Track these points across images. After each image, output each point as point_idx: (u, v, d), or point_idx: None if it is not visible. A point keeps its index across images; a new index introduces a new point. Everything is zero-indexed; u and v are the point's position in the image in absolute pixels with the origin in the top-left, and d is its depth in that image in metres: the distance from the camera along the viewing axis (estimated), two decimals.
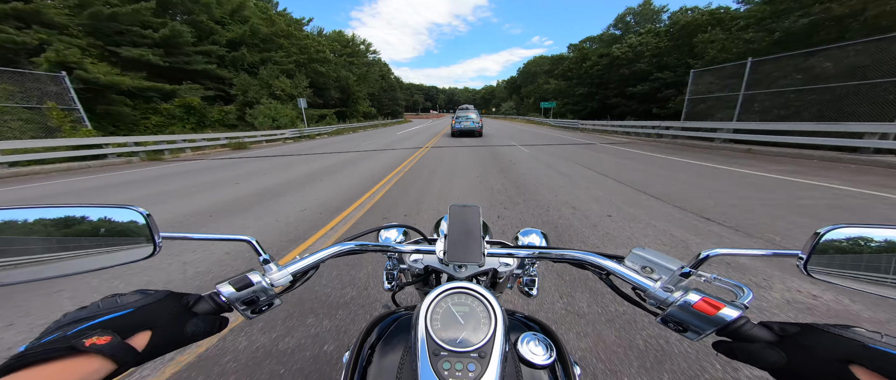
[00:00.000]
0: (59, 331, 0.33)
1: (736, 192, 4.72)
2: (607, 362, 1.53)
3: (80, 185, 6.79)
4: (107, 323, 0.35)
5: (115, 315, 0.37)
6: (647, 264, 0.52)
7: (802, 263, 0.43)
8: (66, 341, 0.32)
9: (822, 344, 0.36)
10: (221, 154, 12.36)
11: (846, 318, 1.85)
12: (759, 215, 3.62)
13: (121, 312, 0.37)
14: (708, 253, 0.45)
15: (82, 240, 0.43)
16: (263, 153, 12.14)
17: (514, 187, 5.30)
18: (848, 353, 0.34)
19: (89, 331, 0.34)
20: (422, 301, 0.48)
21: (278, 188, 5.63)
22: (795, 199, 4.26)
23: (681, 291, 0.46)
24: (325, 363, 1.56)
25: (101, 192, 6.02)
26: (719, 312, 0.42)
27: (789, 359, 0.37)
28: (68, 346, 0.31)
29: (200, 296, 0.46)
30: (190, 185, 6.24)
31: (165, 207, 4.65)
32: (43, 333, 0.34)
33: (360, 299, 2.08)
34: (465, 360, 0.40)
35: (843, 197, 4.30)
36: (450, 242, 0.57)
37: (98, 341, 0.33)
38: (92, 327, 0.34)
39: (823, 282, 0.43)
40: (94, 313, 0.36)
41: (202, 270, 2.56)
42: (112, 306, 0.38)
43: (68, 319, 0.36)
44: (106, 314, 0.36)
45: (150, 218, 0.46)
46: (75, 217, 0.42)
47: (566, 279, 2.24)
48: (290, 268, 0.53)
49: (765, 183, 5.26)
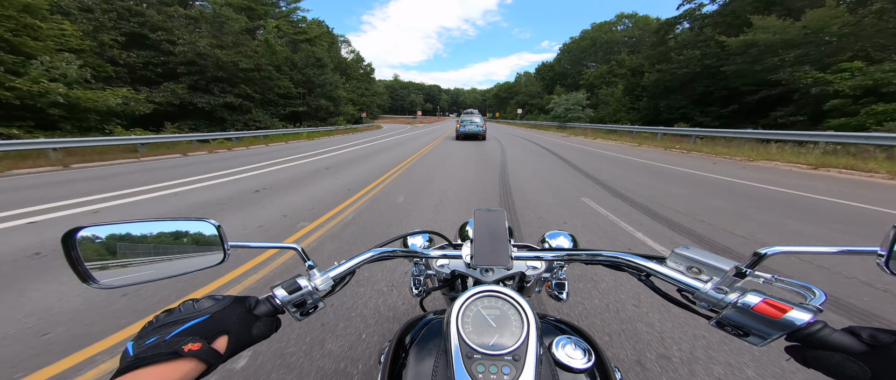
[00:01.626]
0: (157, 334, 0.39)
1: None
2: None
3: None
4: (194, 328, 0.41)
5: (197, 321, 0.42)
6: (692, 265, 0.49)
7: (884, 260, 0.39)
8: (169, 346, 0.38)
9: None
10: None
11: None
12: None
13: (200, 318, 0.43)
14: (766, 251, 0.41)
15: (170, 248, 0.50)
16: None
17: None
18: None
19: (184, 335, 0.40)
20: (451, 305, 0.48)
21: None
22: None
23: (737, 292, 0.42)
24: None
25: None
26: (786, 315, 0.38)
27: (875, 374, 0.32)
28: (172, 351, 0.37)
29: (258, 299, 0.50)
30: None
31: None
32: (142, 333, 0.40)
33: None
34: (499, 363, 0.40)
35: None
36: (476, 246, 0.57)
37: (193, 347, 0.39)
38: (184, 332, 0.40)
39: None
40: (179, 318, 0.42)
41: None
42: (192, 311, 0.43)
43: (161, 321, 0.42)
44: (190, 320, 0.42)
45: (220, 229, 0.53)
46: (165, 231, 0.50)
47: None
48: (331, 273, 0.56)
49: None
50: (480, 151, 11.85)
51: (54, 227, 3.72)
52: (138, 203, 4.83)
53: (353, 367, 1.61)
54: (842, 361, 0.34)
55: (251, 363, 1.61)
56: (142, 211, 4.49)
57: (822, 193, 5.23)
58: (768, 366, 1.53)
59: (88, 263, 0.46)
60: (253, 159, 9.89)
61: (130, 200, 4.97)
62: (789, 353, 0.40)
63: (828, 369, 0.35)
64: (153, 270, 0.49)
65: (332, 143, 16.54)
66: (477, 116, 18.02)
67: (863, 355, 0.33)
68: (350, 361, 1.65)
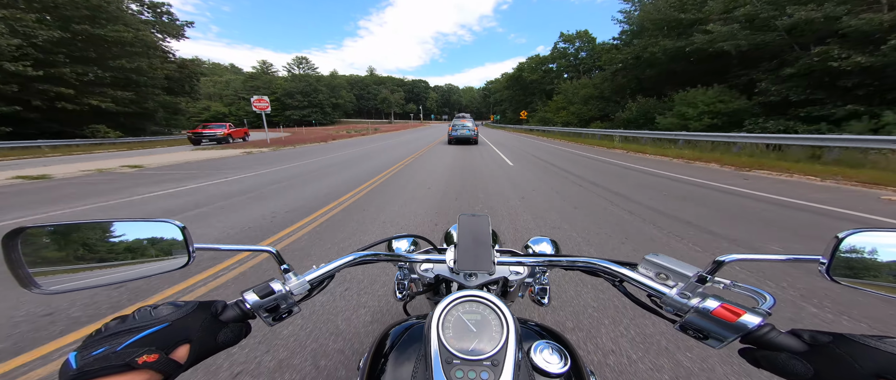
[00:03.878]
0: (106, 344, 0.35)
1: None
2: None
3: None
4: (150, 338, 0.37)
5: (155, 330, 0.38)
6: (661, 271, 0.51)
7: (824, 268, 0.42)
8: (120, 358, 0.35)
9: (853, 356, 0.34)
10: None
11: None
12: None
13: (158, 326, 0.39)
14: (723, 259, 0.44)
15: (128, 252, 0.46)
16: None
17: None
18: (880, 366, 0.32)
19: (137, 346, 0.36)
20: (433, 310, 0.48)
21: None
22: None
23: (698, 297, 0.45)
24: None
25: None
26: (740, 318, 0.40)
27: (817, 371, 0.35)
28: (124, 363, 0.34)
29: (226, 304, 0.47)
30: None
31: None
32: (87, 342, 0.36)
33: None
34: (477, 368, 0.40)
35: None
36: (460, 251, 0.57)
37: (148, 358, 0.36)
38: (139, 342, 0.36)
39: (848, 288, 0.41)
40: (133, 326, 0.38)
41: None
42: (148, 319, 0.39)
43: (111, 330, 0.37)
44: (146, 328, 0.38)
45: (185, 230, 0.49)
46: (123, 231, 0.46)
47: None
48: (308, 277, 0.54)
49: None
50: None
51: None
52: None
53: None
54: (787, 360, 0.37)
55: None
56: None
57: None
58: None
59: (32, 266, 0.41)
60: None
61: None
62: (742, 355, 0.42)
63: (775, 368, 0.38)
64: (107, 275, 0.45)
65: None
66: (468, 119, 18.49)
67: (805, 354, 0.37)
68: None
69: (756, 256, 0.44)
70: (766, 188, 5.84)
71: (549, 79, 46.77)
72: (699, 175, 7.42)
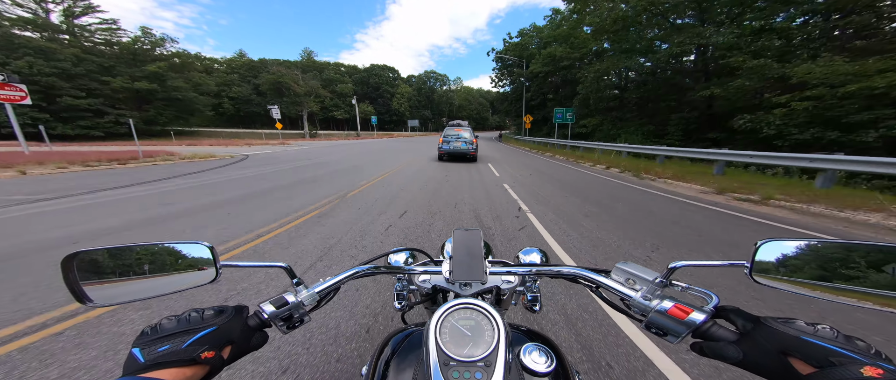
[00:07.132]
0: (169, 342, 0.42)
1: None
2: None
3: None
4: (206, 338, 0.45)
5: (209, 331, 0.46)
6: (630, 277, 0.57)
7: (748, 271, 0.49)
8: (187, 354, 0.42)
9: (766, 338, 0.41)
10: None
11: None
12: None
13: (210, 328, 0.47)
14: (674, 265, 0.52)
15: (165, 267, 0.53)
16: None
17: None
18: (786, 345, 0.39)
19: (197, 344, 0.44)
20: (431, 317, 0.51)
21: None
22: None
23: (657, 299, 0.51)
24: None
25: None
26: (689, 316, 0.47)
27: (744, 353, 0.42)
28: (190, 358, 0.42)
29: (250, 313, 0.54)
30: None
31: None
32: (145, 340, 0.43)
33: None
34: (472, 369, 0.43)
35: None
36: (455, 263, 0.62)
37: (208, 355, 0.44)
38: (198, 341, 0.44)
39: (767, 288, 0.47)
40: (191, 328, 0.45)
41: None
42: (199, 322, 0.47)
43: (168, 330, 0.44)
44: (202, 330, 0.46)
45: (213, 250, 0.56)
46: (160, 252, 0.53)
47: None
48: (317, 288, 0.59)
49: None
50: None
51: None
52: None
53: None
54: (725, 347, 0.44)
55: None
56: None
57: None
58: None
59: (85, 283, 0.48)
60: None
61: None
62: (693, 349, 0.48)
63: (716, 355, 0.45)
64: (148, 289, 0.51)
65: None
66: (465, 129, 13.13)
67: (737, 341, 0.44)
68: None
69: (698, 263, 0.51)
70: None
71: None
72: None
